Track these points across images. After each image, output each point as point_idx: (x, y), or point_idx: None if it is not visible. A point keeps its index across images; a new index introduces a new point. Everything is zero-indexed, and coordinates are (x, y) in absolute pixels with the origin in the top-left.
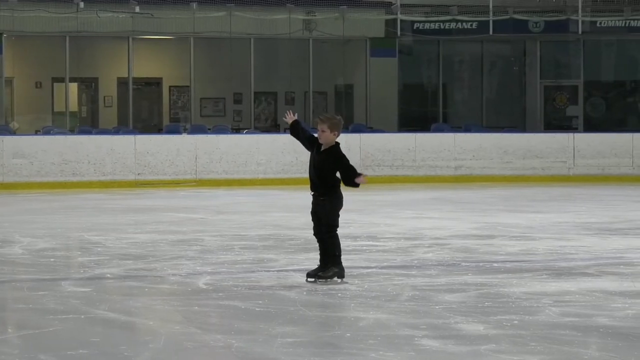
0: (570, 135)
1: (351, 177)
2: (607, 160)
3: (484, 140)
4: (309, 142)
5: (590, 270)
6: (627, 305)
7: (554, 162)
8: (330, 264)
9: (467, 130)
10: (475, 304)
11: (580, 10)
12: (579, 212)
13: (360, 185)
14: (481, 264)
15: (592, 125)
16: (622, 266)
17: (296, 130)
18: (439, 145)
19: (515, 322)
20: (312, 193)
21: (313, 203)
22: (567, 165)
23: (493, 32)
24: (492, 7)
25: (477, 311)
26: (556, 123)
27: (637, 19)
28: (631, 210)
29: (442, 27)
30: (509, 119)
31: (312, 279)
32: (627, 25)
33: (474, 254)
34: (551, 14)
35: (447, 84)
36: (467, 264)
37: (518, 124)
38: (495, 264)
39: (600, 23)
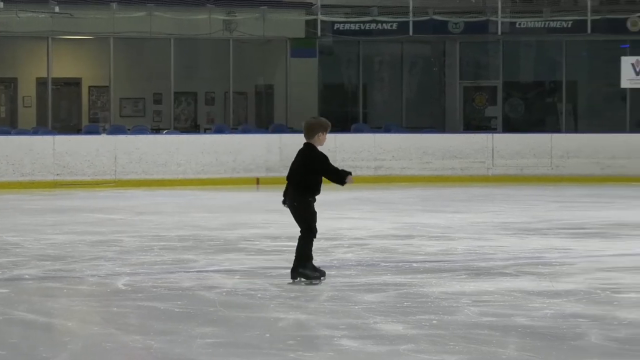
0: (489, 135)
1: None
2: (525, 160)
3: (403, 140)
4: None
5: (509, 270)
6: (545, 305)
7: (473, 162)
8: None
9: (387, 130)
10: (394, 304)
11: (499, 11)
12: (498, 212)
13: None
14: (400, 264)
15: (511, 126)
16: (540, 266)
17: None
18: (359, 146)
19: (434, 322)
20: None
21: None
22: (486, 166)
23: (413, 33)
24: (412, 8)
25: (396, 311)
26: (475, 123)
27: (556, 20)
28: (550, 211)
29: (362, 27)
30: (429, 119)
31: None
32: (546, 26)
33: (394, 254)
34: (471, 15)
35: (367, 84)
36: (387, 264)
37: (437, 125)
38: (415, 264)
39: (520, 24)
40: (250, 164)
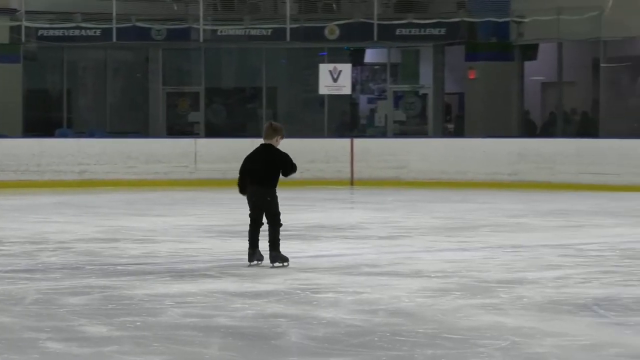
0: (192, 140)
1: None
2: (228, 164)
3: (107, 145)
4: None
5: (212, 272)
6: (246, 306)
7: (176, 166)
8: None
9: (91, 135)
10: (99, 307)
11: (201, 19)
12: (201, 215)
13: None
14: (105, 266)
15: (214, 131)
16: (242, 268)
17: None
18: (63, 150)
19: (138, 323)
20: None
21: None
22: (189, 170)
23: (117, 39)
24: (116, 14)
25: (101, 313)
26: (179, 129)
27: (257, 28)
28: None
29: (66, 34)
30: (133, 124)
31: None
32: (247, 34)
33: (98, 257)
34: (173, 22)
35: (72, 89)
36: (92, 267)
37: (142, 130)
38: (119, 267)
39: (221, 32)
40: None
